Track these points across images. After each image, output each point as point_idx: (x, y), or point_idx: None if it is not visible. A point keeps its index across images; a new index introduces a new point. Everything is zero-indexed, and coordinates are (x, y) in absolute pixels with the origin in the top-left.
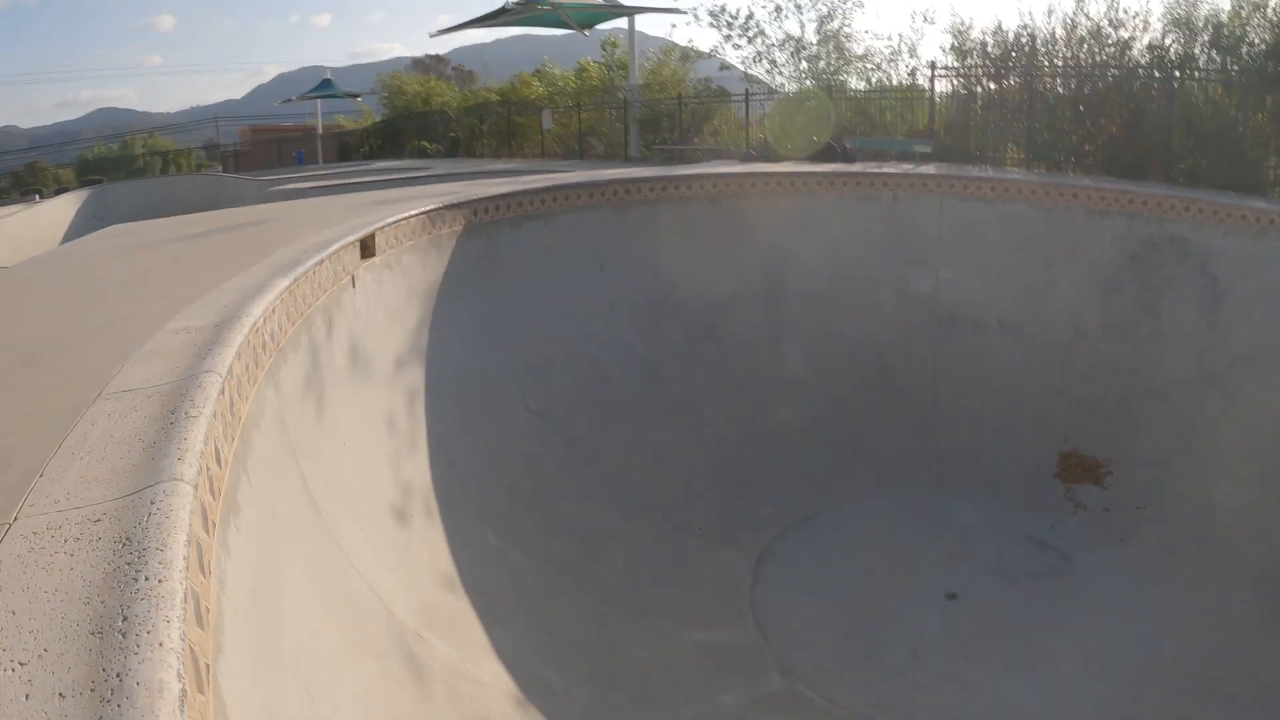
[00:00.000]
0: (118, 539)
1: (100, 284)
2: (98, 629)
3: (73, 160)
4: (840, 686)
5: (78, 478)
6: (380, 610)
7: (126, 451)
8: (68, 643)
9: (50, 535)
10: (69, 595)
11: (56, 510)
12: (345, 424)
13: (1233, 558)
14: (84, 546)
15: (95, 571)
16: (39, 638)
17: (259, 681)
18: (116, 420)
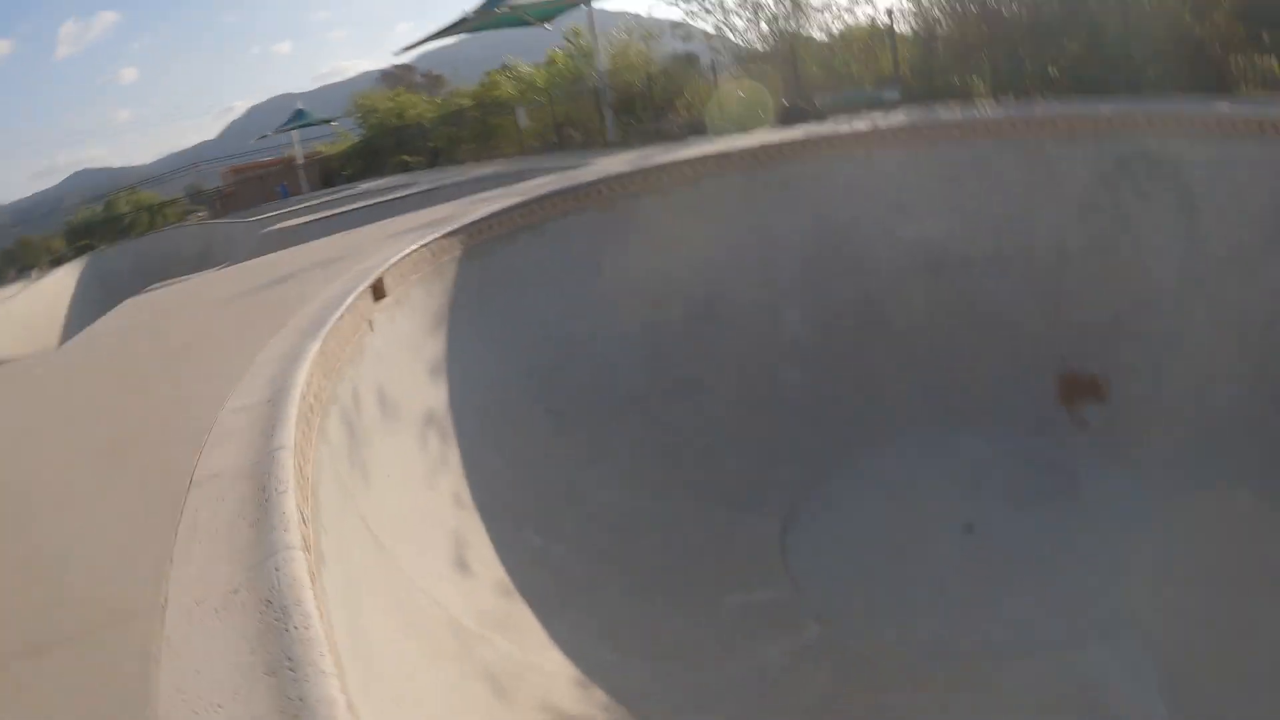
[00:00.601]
0: (259, 602)
1: (142, 367)
2: (270, 670)
3: (60, 228)
4: (872, 627)
5: (204, 558)
6: (446, 620)
7: (236, 531)
8: (251, 683)
9: (200, 608)
10: (237, 650)
11: (200, 587)
12: (385, 457)
13: (1233, 455)
14: (232, 613)
15: (250, 629)
16: (226, 684)
17: (366, 696)
18: (215, 506)
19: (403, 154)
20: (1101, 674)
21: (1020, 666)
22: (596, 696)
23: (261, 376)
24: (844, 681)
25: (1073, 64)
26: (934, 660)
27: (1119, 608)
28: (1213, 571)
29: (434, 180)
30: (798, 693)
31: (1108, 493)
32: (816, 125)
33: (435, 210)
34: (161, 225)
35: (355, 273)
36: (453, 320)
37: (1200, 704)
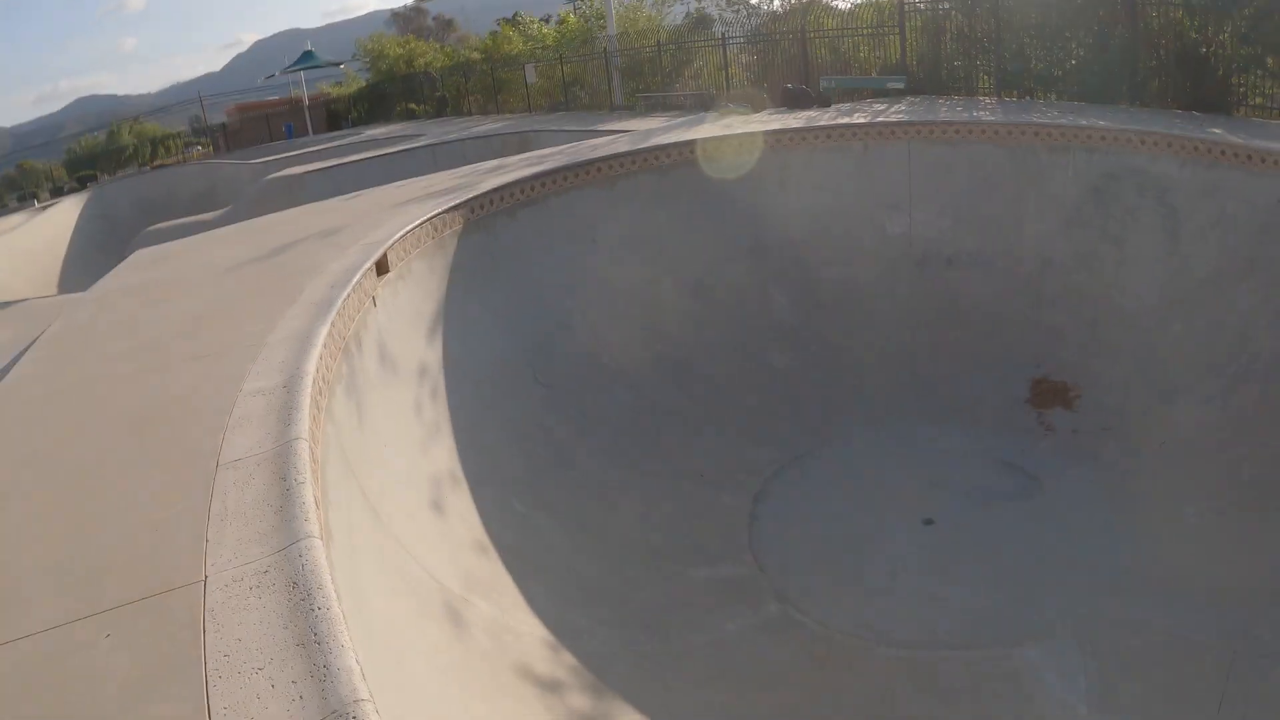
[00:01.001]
0: (286, 583)
1: (158, 338)
2: (300, 642)
3: (61, 155)
4: (828, 609)
5: (235, 540)
6: (432, 584)
7: (262, 516)
8: (285, 652)
9: (238, 585)
10: (271, 624)
11: (233, 567)
12: (383, 430)
13: (1190, 473)
14: (265, 591)
15: (281, 606)
16: (264, 652)
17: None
18: (241, 490)
19: (410, 102)
20: (1035, 672)
21: (960, 658)
22: (565, 659)
23: (275, 359)
24: (798, 659)
25: (1078, 68)
26: (882, 645)
27: (1061, 609)
28: (1155, 582)
29: (440, 133)
30: (753, 666)
31: (1066, 498)
32: (817, 111)
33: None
34: (164, 157)
35: (360, 247)
36: (451, 293)
37: (1125, 709)
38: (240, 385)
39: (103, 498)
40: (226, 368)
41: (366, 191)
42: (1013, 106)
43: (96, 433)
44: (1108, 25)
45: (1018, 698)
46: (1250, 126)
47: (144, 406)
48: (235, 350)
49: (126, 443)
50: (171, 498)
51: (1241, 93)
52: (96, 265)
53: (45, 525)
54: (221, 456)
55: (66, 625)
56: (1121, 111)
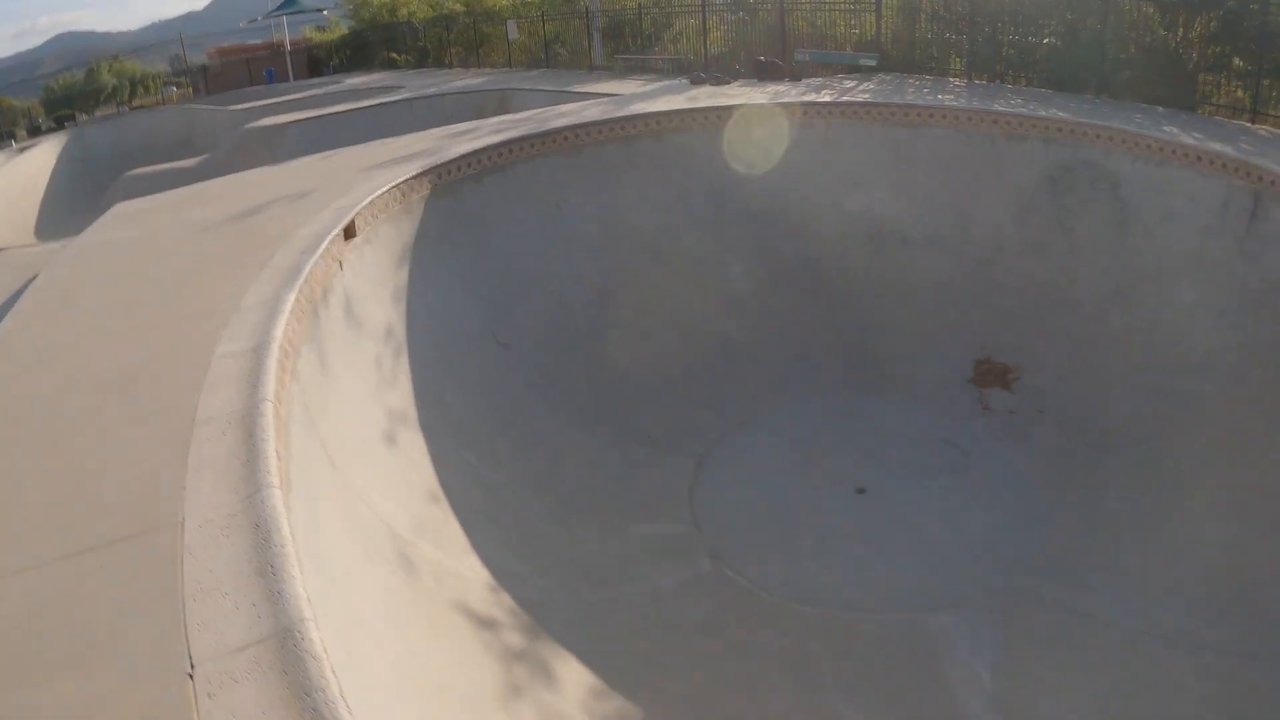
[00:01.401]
0: (251, 525)
1: (139, 299)
2: (260, 573)
3: (39, 93)
4: (758, 569)
5: (210, 489)
6: (383, 528)
7: (231, 468)
8: (248, 581)
9: (211, 525)
10: (237, 558)
11: (208, 511)
12: (345, 382)
13: (1117, 460)
14: (232, 531)
15: (246, 545)
16: (231, 580)
17: (318, 587)
18: (215, 444)
19: (392, 51)
20: (945, 638)
21: (877, 620)
22: (504, 601)
23: (247, 323)
24: (724, 612)
25: (1049, 56)
26: (805, 605)
27: (976, 582)
28: (1068, 563)
29: (420, 86)
30: (682, 617)
31: (995, 477)
32: (787, 85)
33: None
34: (143, 97)
35: (330, 211)
36: (417, 256)
37: (1025, 679)
38: (214, 349)
39: (93, 450)
40: (202, 331)
41: (340, 151)
42: (980, 91)
43: (84, 390)
44: (1080, 16)
45: (926, 660)
46: (1210, 126)
47: (127, 367)
48: (210, 314)
49: (113, 400)
50: (154, 451)
51: (1207, 91)
52: (74, 210)
53: (43, 474)
54: (197, 415)
55: (66, 559)
56: (1087, 102)
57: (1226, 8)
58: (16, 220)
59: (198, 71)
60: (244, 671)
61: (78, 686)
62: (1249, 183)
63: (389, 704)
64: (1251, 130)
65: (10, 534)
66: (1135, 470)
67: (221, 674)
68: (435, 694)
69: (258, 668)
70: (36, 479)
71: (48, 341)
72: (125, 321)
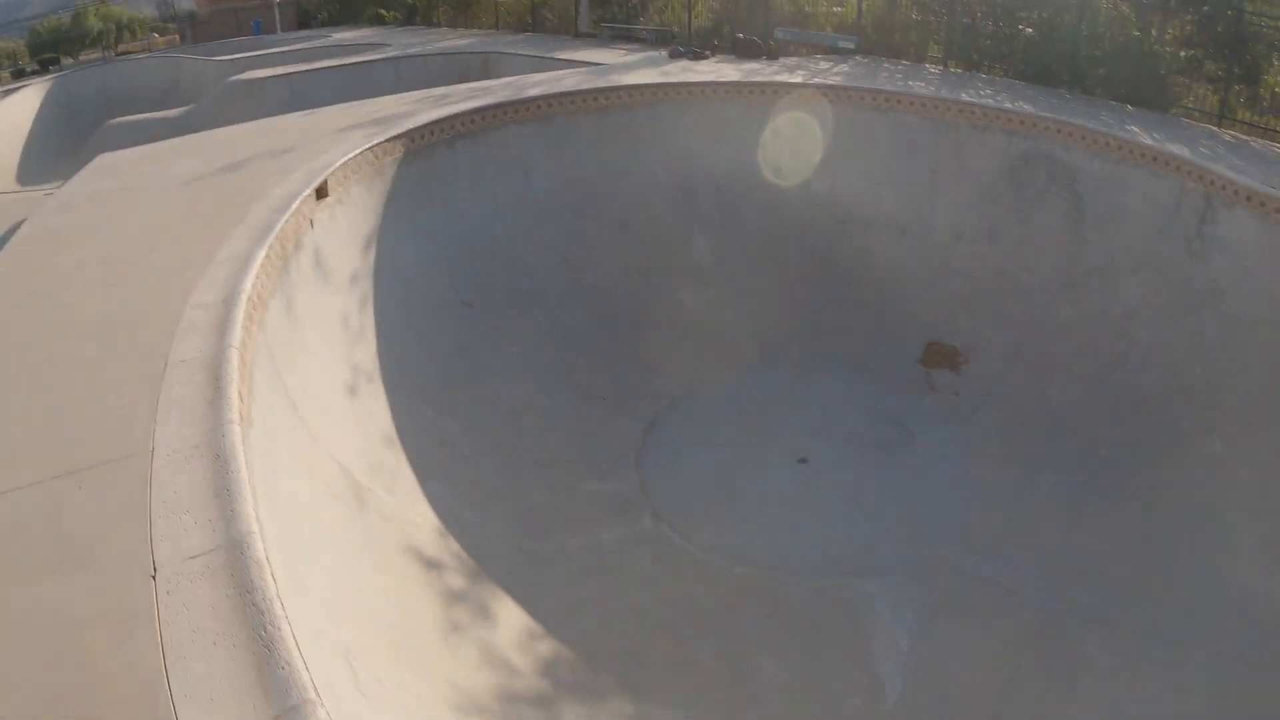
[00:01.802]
0: (212, 456)
1: (120, 250)
2: (217, 494)
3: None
4: (696, 529)
5: (178, 422)
6: (338, 470)
7: (198, 406)
8: (206, 501)
9: (176, 455)
10: (200, 481)
11: (175, 442)
12: (310, 333)
13: (1054, 445)
14: (196, 460)
15: (207, 471)
16: (192, 502)
17: (273, 522)
18: (184, 385)
19: (380, 7)
20: (868, 602)
21: (804, 583)
22: (452, 547)
23: (219, 276)
24: (660, 568)
25: (1025, 48)
26: (738, 565)
27: (904, 552)
28: (996, 539)
29: (405, 45)
30: (622, 571)
31: (934, 454)
32: (763, 64)
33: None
34: (130, 42)
35: (304, 171)
36: (386, 217)
37: (941, 645)
38: (188, 299)
39: (74, 387)
40: (179, 282)
41: (320, 110)
42: (952, 79)
43: (68, 334)
44: (1058, 11)
45: (848, 622)
46: (1176, 128)
47: (108, 313)
48: (187, 266)
49: (94, 343)
50: (130, 390)
51: (1178, 93)
52: (57, 156)
53: (28, 407)
54: (170, 358)
55: (48, 481)
56: (1058, 96)
57: (1202, 12)
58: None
59: (185, 19)
60: (198, 574)
61: (57, 586)
62: (1201, 186)
63: (326, 629)
64: (1217, 135)
65: (2, 460)
66: (1070, 456)
67: (179, 576)
68: (374, 624)
69: (209, 571)
70: (22, 413)
71: (34, 288)
72: (107, 271)
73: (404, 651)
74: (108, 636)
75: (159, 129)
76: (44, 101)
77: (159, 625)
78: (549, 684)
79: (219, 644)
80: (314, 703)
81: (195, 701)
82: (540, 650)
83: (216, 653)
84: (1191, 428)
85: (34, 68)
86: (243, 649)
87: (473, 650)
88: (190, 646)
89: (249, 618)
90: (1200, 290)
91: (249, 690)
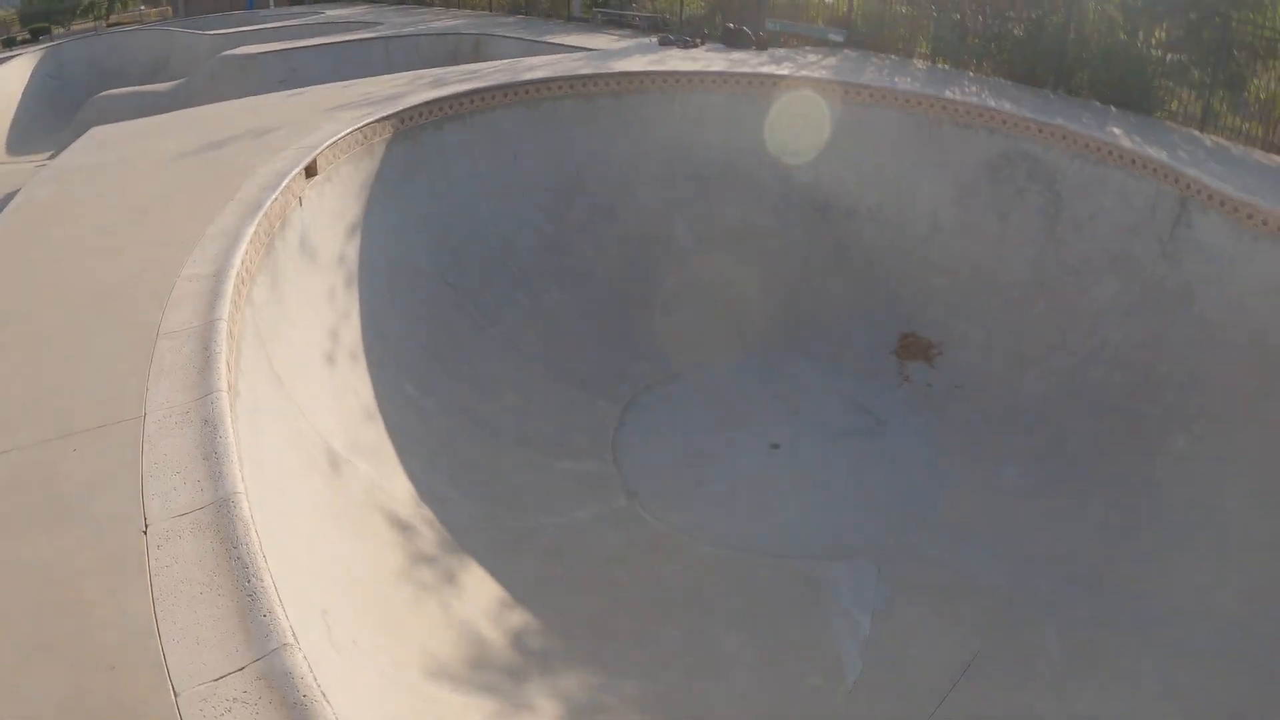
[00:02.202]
0: (201, 421)
1: (113, 223)
2: (205, 457)
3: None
4: (668, 509)
5: (168, 389)
6: (321, 443)
7: (188, 375)
8: (194, 462)
9: (167, 420)
10: (188, 444)
11: (165, 408)
12: (296, 308)
13: (1022, 438)
14: (186, 424)
15: (195, 435)
16: (181, 462)
17: (256, 484)
18: (174, 355)
19: None
20: (831, 585)
21: (770, 564)
22: (429, 519)
23: (209, 250)
24: (632, 547)
25: (1012, 47)
26: (708, 546)
27: (869, 537)
28: (960, 528)
29: (398, 24)
30: (594, 548)
31: (904, 444)
32: (751, 54)
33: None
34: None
35: (293, 150)
36: (374, 196)
37: (900, 629)
38: (179, 272)
39: (70, 354)
40: (169, 255)
41: (311, 89)
42: (939, 76)
43: (63, 303)
44: (1046, 11)
45: (812, 603)
46: (1157, 131)
47: (102, 284)
48: (178, 240)
49: (88, 312)
50: (123, 358)
51: (1162, 97)
52: (47, 127)
53: (25, 374)
54: (161, 329)
55: (43, 443)
56: (1042, 96)
57: (1190, 18)
58: None
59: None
60: (186, 530)
61: (52, 539)
62: (1177, 189)
63: (304, 589)
64: (1198, 139)
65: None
66: (1037, 448)
67: (168, 531)
68: (350, 588)
69: (197, 527)
70: (19, 378)
71: (29, 257)
72: (100, 242)
73: (378, 616)
74: (100, 585)
75: (150, 102)
76: (34, 72)
77: (149, 576)
78: (518, 653)
79: (205, 594)
80: (293, 646)
81: (183, 644)
82: (511, 621)
83: (203, 601)
84: (1157, 425)
85: (25, 37)
86: (228, 598)
87: (444, 618)
88: (178, 595)
89: (234, 570)
90: (1171, 291)
91: (233, 635)
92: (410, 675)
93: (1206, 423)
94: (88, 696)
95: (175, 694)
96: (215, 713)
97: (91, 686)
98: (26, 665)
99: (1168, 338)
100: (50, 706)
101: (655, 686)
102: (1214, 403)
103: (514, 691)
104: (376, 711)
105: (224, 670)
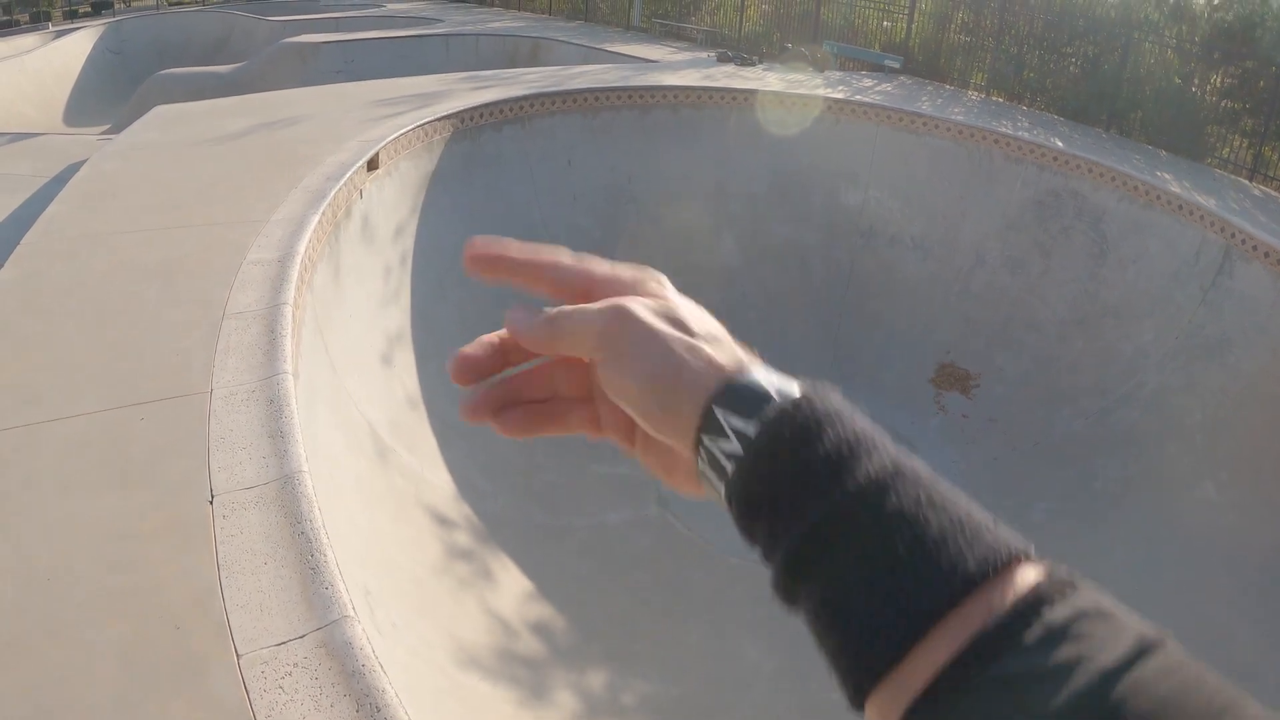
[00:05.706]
0: (266, 400)
1: (180, 200)
2: (270, 435)
3: None
4: (698, 519)
5: (234, 369)
6: (368, 429)
7: (253, 354)
8: (260, 438)
9: (233, 398)
10: (254, 422)
11: (231, 385)
12: (352, 300)
13: (1047, 473)
14: (252, 403)
15: (260, 414)
16: (247, 438)
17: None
18: (241, 334)
19: None
20: None
21: None
22: (464, 510)
23: (274, 236)
24: (660, 552)
25: (1067, 84)
26: (733, 556)
27: None
28: None
29: (459, 22)
30: (624, 550)
31: (936, 472)
32: (808, 76)
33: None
34: None
35: (356, 143)
36: (431, 190)
37: None
38: (245, 255)
39: (137, 328)
40: (235, 237)
41: (372, 83)
42: (992, 108)
43: (130, 277)
44: (1103, 50)
45: None
46: (1206, 178)
47: (168, 260)
48: (242, 223)
49: (154, 288)
50: (190, 333)
51: (1214, 144)
52: (104, 101)
53: (93, 344)
54: (227, 308)
55: (113, 409)
56: (1093, 135)
57: (1245, 66)
58: (46, 103)
59: None
60: (251, 503)
61: (119, 500)
62: (1222, 237)
63: (348, 567)
64: (1247, 188)
65: (68, 387)
66: (1065, 487)
67: (234, 504)
68: (389, 569)
69: (262, 501)
70: (88, 347)
71: (94, 229)
72: (165, 218)
73: (413, 599)
74: (167, 547)
75: (208, 83)
76: (95, 46)
77: (215, 544)
78: (542, 646)
79: (269, 564)
80: (353, 619)
81: (247, 610)
82: (537, 614)
83: (266, 571)
84: (1186, 471)
85: (87, 10)
86: (290, 569)
87: (474, 607)
88: (243, 564)
89: (298, 544)
90: (1210, 339)
91: (295, 605)
92: (442, 660)
93: (1235, 471)
94: (150, 650)
95: (238, 654)
96: (276, 675)
97: (155, 641)
98: (91, 616)
99: (1202, 385)
100: (112, 657)
101: (674, 690)
102: (1244, 452)
103: (538, 684)
104: (412, 692)
105: (286, 636)
